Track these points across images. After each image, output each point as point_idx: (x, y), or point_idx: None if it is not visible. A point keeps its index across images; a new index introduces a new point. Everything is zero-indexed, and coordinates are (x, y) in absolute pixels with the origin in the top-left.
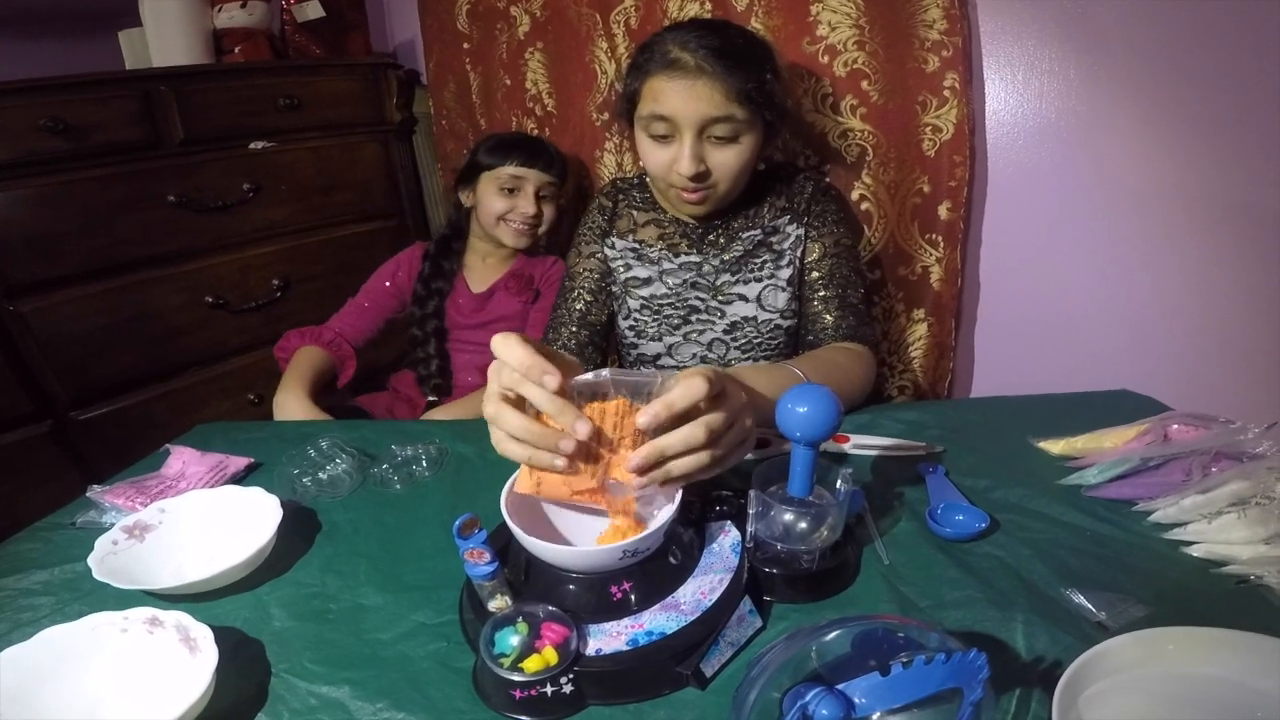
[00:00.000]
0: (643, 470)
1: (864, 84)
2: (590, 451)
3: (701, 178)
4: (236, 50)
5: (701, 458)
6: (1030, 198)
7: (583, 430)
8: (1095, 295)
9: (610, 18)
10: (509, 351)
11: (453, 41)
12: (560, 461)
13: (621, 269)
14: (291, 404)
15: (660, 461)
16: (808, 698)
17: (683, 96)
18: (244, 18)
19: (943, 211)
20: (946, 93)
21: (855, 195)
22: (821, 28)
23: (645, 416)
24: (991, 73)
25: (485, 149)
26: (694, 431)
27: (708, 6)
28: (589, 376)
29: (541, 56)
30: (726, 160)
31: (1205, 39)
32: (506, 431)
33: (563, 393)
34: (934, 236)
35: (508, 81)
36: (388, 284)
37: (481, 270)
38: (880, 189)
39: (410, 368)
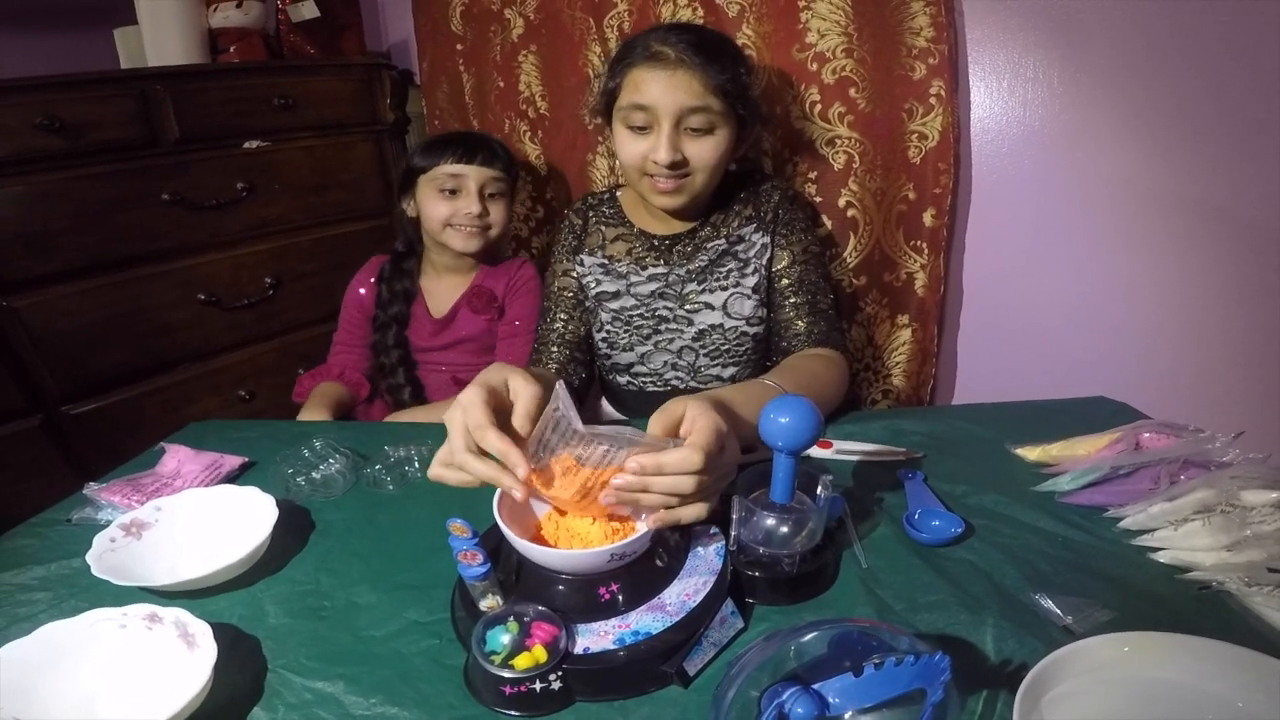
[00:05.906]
0: (628, 490)
1: (852, 91)
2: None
3: (677, 166)
4: (231, 50)
5: (688, 482)
6: (1014, 204)
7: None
8: (1077, 301)
9: (603, 22)
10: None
11: (446, 42)
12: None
13: (592, 284)
14: (312, 417)
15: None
16: (784, 696)
17: (662, 85)
18: (239, 17)
19: (927, 218)
20: (933, 100)
21: (841, 202)
22: (811, 35)
23: (634, 463)
24: (977, 80)
25: (420, 151)
26: (690, 455)
27: (699, 12)
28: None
29: (535, 59)
30: (702, 151)
31: (1188, 48)
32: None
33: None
34: (918, 243)
35: (501, 83)
36: (357, 312)
37: (441, 291)
38: (866, 196)
39: (387, 392)
